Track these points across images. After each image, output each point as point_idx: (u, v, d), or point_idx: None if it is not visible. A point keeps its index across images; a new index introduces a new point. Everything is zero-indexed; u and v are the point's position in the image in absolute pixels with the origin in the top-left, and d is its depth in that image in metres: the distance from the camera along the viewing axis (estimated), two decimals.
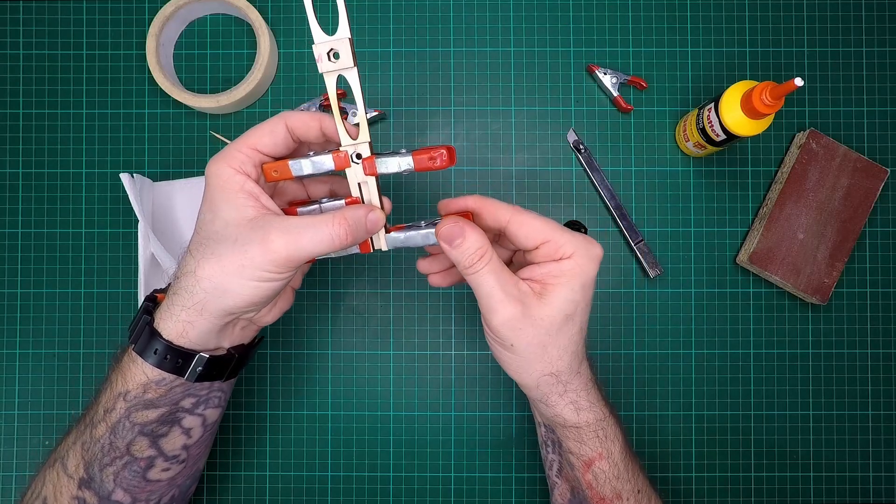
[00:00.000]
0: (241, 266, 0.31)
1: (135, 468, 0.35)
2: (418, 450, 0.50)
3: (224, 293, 0.32)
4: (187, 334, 0.33)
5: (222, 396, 0.39)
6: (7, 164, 0.51)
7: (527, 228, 0.34)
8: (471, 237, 0.33)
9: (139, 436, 0.34)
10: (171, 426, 0.36)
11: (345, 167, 0.34)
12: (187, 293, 0.33)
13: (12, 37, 0.51)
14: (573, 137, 0.51)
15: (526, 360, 0.34)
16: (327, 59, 0.32)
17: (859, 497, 0.50)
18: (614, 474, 0.37)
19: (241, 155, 0.33)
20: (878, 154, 0.51)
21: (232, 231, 0.32)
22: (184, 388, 0.35)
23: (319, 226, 0.32)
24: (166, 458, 0.36)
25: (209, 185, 0.33)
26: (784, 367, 0.50)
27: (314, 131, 0.34)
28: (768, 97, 0.41)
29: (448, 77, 0.52)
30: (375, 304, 0.51)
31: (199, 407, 0.37)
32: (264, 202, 0.33)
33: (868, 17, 0.52)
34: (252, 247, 0.31)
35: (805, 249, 0.49)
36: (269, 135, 0.33)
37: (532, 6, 0.52)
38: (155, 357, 0.33)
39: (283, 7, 0.52)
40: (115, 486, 0.35)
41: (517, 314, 0.33)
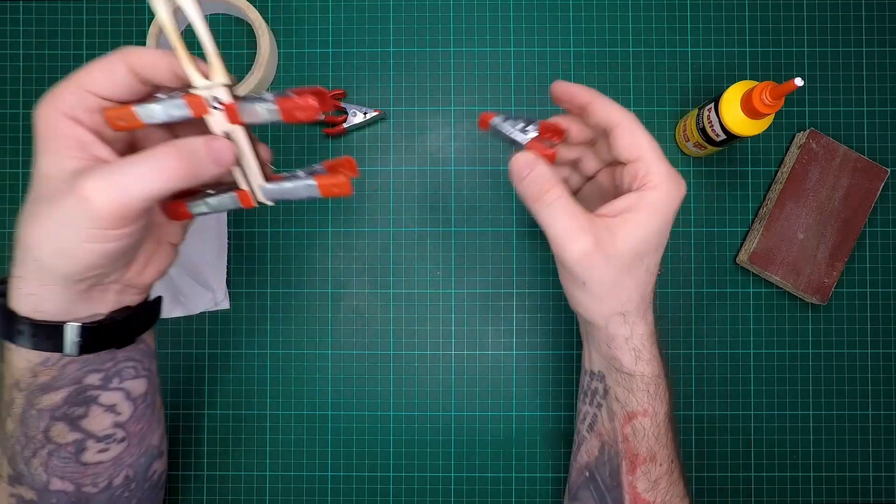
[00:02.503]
0: (62, 226, 0.27)
1: (63, 455, 0.33)
2: (418, 450, 0.50)
3: (57, 259, 0.28)
4: (42, 307, 0.30)
5: (138, 366, 0.35)
6: (7, 164, 0.51)
7: (631, 138, 0.32)
8: (539, 168, 0.31)
9: (53, 421, 0.32)
10: (86, 406, 0.33)
11: (203, 114, 0.29)
12: (21, 264, 0.29)
13: (12, 37, 0.51)
14: None
15: (598, 297, 0.33)
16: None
17: (859, 497, 0.50)
18: (654, 434, 0.35)
19: (71, 97, 0.28)
20: (878, 154, 0.51)
21: (47, 187, 0.28)
22: (78, 364, 0.32)
23: (145, 160, 0.27)
24: (98, 440, 0.34)
25: (34, 133, 0.29)
26: (784, 367, 0.50)
27: (164, 72, 0.29)
28: (768, 97, 0.41)
29: (448, 77, 0.52)
30: (375, 304, 0.51)
31: (111, 381, 0.34)
32: (96, 152, 0.28)
33: (868, 17, 0.52)
34: (66, 202, 0.27)
35: (805, 249, 0.49)
36: (105, 73, 0.28)
37: (532, 6, 0.52)
38: (24, 338, 0.30)
39: (283, 7, 0.52)
40: (49, 475, 0.33)
41: (589, 249, 0.31)
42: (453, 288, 0.51)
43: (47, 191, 0.28)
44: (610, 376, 0.36)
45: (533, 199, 0.32)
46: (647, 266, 0.33)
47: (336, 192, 0.32)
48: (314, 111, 0.29)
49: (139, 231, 0.29)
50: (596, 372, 0.37)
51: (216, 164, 0.29)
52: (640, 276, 0.33)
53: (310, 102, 0.29)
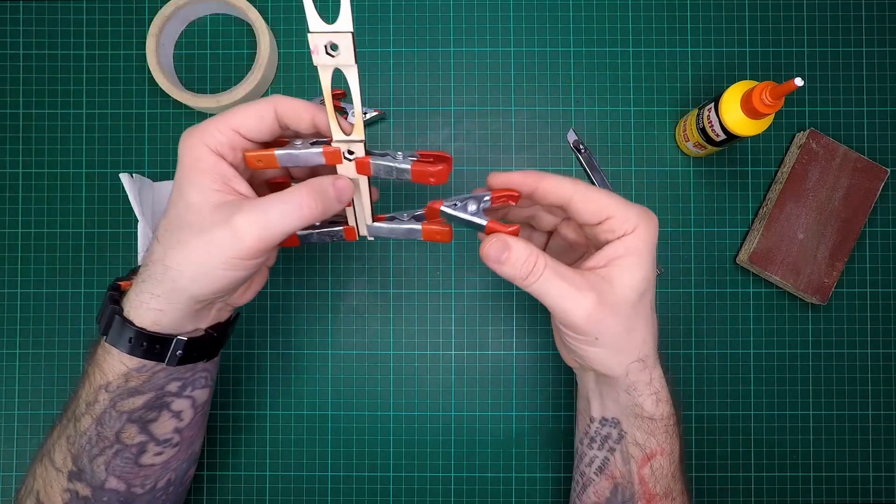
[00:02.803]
0: (207, 254, 0.30)
1: (126, 455, 0.35)
2: (418, 450, 0.50)
3: (193, 282, 0.31)
4: (160, 322, 0.32)
5: (208, 376, 0.38)
6: (7, 164, 0.51)
7: (593, 205, 0.32)
8: (516, 247, 0.31)
9: (128, 423, 0.34)
10: (159, 411, 0.35)
11: (336, 163, 0.33)
12: (156, 282, 0.32)
13: (12, 37, 0.51)
14: (573, 137, 0.51)
15: (614, 349, 0.33)
16: (324, 52, 0.28)
17: (859, 497, 0.50)
18: (671, 472, 0.36)
19: (219, 135, 0.31)
20: (878, 154, 0.51)
21: (195, 217, 0.30)
22: (166, 372, 0.34)
23: (286, 199, 0.30)
24: (158, 443, 0.36)
25: (179, 163, 0.31)
26: (784, 367, 0.50)
27: (305, 123, 0.32)
28: (768, 97, 0.41)
29: (448, 77, 0.52)
30: (375, 304, 0.51)
31: (185, 389, 0.36)
32: (237, 186, 0.31)
33: (868, 17, 0.52)
34: (217, 233, 0.30)
35: (805, 249, 0.49)
36: (256, 119, 0.31)
37: (532, 6, 0.52)
38: (130, 346, 0.32)
39: (283, 7, 0.52)
40: (108, 474, 0.34)
41: (596, 303, 0.31)
42: (453, 288, 0.51)
43: (196, 221, 0.30)
44: (627, 421, 0.35)
45: (520, 279, 0.32)
46: (649, 301, 0.34)
47: (437, 238, 0.35)
48: (445, 177, 0.32)
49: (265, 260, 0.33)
50: (609, 419, 0.37)
51: (340, 202, 0.32)
52: (648, 315, 0.34)
53: (441, 170, 0.32)
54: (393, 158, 0.32)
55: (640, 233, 0.32)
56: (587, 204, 0.33)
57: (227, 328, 0.38)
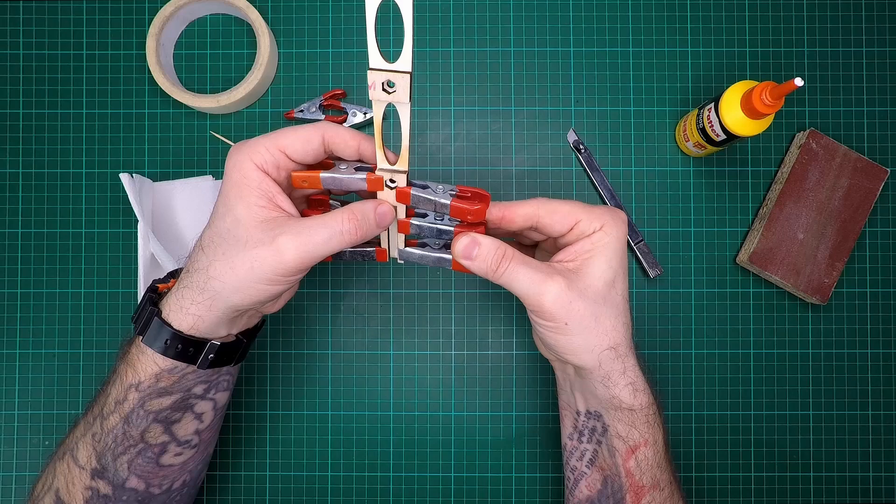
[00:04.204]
0: (251, 269, 0.32)
1: (149, 455, 0.35)
2: (418, 450, 0.50)
3: (234, 293, 0.32)
4: (198, 326, 0.34)
5: (230, 379, 0.39)
6: (7, 164, 0.51)
7: (558, 216, 0.34)
8: (484, 242, 0.33)
9: (153, 423, 0.35)
10: (184, 412, 0.36)
11: (377, 189, 0.34)
12: (198, 289, 0.33)
13: (12, 37, 0.51)
14: (573, 137, 0.51)
15: (584, 335, 0.34)
16: (381, 88, 0.29)
17: (859, 497, 0.50)
18: (656, 462, 0.36)
19: (267, 154, 0.32)
20: (878, 154, 0.51)
21: (242, 231, 0.32)
22: (196, 374, 0.35)
23: (329, 224, 0.32)
24: (179, 444, 0.37)
25: (227, 177, 0.33)
26: (784, 367, 0.50)
27: (350, 150, 0.34)
28: (768, 97, 0.41)
29: (448, 77, 0.52)
30: (375, 304, 0.51)
31: (210, 392, 0.37)
32: (280, 203, 0.33)
33: (868, 17, 0.52)
34: (262, 250, 0.31)
35: (805, 249, 0.49)
36: (303, 143, 0.33)
37: (532, 6, 0.52)
38: (165, 347, 0.34)
39: (283, 7, 0.52)
40: (130, 473, 0.35)
41: (563, 287, 0.32)
42: (453, 288, 0.51)
43: (242, 235, 0.32)
44: (608, 414, 0.36)
45: (491, 272, 0.33)
46: (620, 291, 0.35)
47: (465, 270, 0.36)
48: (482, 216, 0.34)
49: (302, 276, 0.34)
50: (592, 412, 0.38)
51: (380, 227, 0.34)
52: (619, 303, 0.34)
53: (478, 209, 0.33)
54: (434, 192, 0.34)
55: (607, 229, 0.34)
56: (553, 215, 0.34)
57: (255, 333, 0.40)
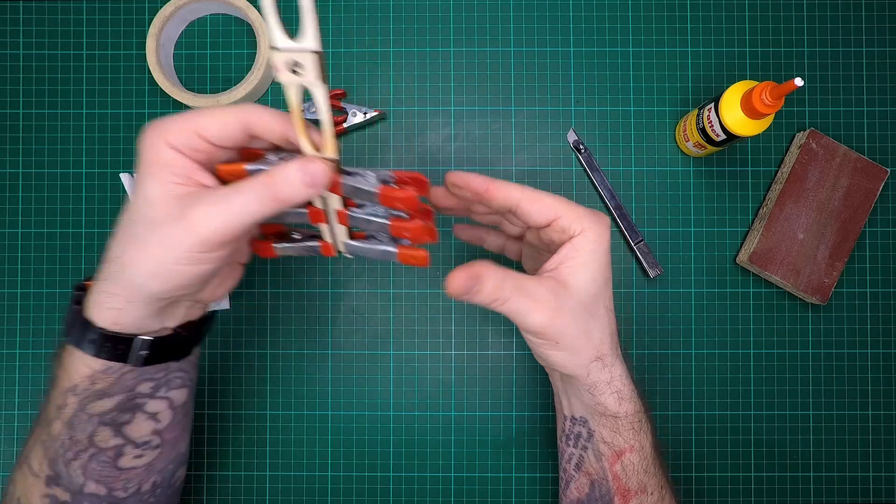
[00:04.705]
0: (164, 249, 0.29)
1: (102, 459, 0.34)
2: (418, 450, 0.50)
3: (151, 279, 0.30)
4: (121, 321, 0.31)
5: (185, 376, 0.37)
6: (7, 164, 0.51)
7: (539, 205, 0.34)
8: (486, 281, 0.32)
9: (100, 426, 0.33)
10: (133, 413, 0.34)
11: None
12: (113, 280, 0.31)
13: (12, 37, 0.51)
14: (573, 137, 0.51)
15: (574, 350, 0.34)
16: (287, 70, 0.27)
17: (859, 497, 0.50)
18: (643, 468, 0.36)
19: (181, 135, 0.30)
20: (878, 154, 0.51)
21: (153, 210, 0.29)
22: (135, 373, 0.33)
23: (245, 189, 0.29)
24: (136, 445, 0.35)
25: (139, 158, 0.30)
26: (784, 367, 0.50)
27: (275, 135, 0.31)
28: (768, 97, 0.41)
29: (448, 77, 0.52)
30: (375, 304, 0.51)
31: (159, 390, 0.35)
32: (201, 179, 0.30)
33: (868, 17, 0.52)
34: (174, 226, 0.28)
35: (805, 249, 0.49)
36: (220, 126, 0.30)
37: (532, 6, 0.52)
38: (93, 347, 0.32)
39: (284, 7, 0.52)
40: (86, 478, 0.34)
41: (554, 312, 0.32)
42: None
43: (153, 214, 0.29)
44: (594, 420, 0.37)
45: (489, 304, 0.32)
46: (604, 304, 0.35)
47: (413, 262, 0.35)
48: (414, 203, 0.31)
49: (230, 254, 0.31)
50: (577, 417, 0.38)
51: (310, 187, 0.30)
52: (602, 315, 0.35)
53: (410, 195, 0.31)
54: (364, 179, 0.31)
55: (588, 234, 0.33)
56: (533, 204, 0.34)
57: (201, 327, 0.37)
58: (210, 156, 0.31)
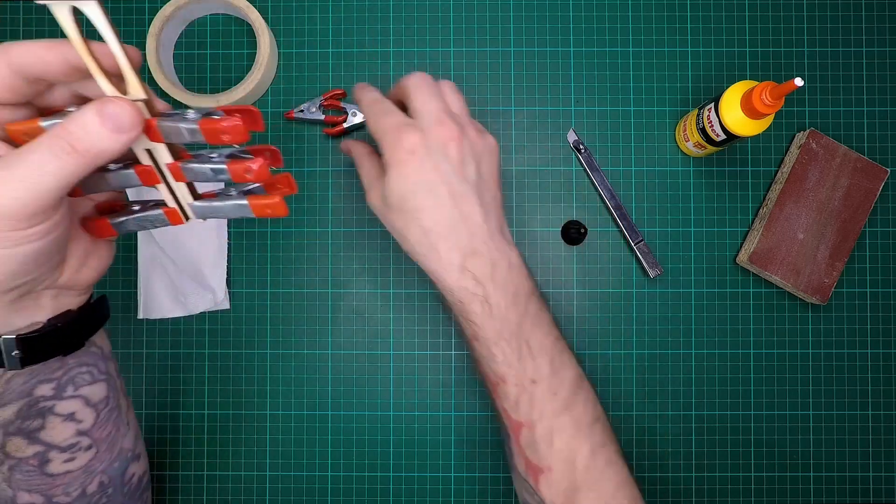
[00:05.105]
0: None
1: (26, 468, 0.31)
2: (418, 450, 0.50)
3: None
4: None
5: (94, 371, 0.33)
6: None
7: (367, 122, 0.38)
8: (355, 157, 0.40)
9: (8, 436, 0.31)
10: (42, 418, 0.31)
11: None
12: None
13: (12, 37, 0.51)
14: (573, 137, 0.51)
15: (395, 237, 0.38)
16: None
17: (859, 497, 0.50)
18: (489, 357, 0.36)
19: None
20: (878, 154, 0.51)
21: None
22: (24, 376, 0.30)
23: (38, 148, 0.24)
24: (62, 450, 0.32)
25: None
26: (784, 367, 0.50)
27: (56, 66, 0.25)
28: (768, 97, 0.41)
29: (448, 77, 0.52)
30: (375, 304, 0.51)
31: (65, 390, 0.32)
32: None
33: (868, 17, 0.52)
34: None
35: (805, 249, 0.49)
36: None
37: (532, 6, 0.52)
38: None
39: (283, 7, 0.52)
40: (14, 490, 0.32)
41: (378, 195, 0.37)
42: None
43: None
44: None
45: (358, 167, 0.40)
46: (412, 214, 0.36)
47: (269, 213, 0.31)
48: (240, 134, 0.27)
49: (58, 228, 0.26)
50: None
51: (117, 131, 0.25)
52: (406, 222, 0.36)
53: (235, 123, 0.26)
54: (182, 117, 0.27)
55: (386, 156, 0.36)
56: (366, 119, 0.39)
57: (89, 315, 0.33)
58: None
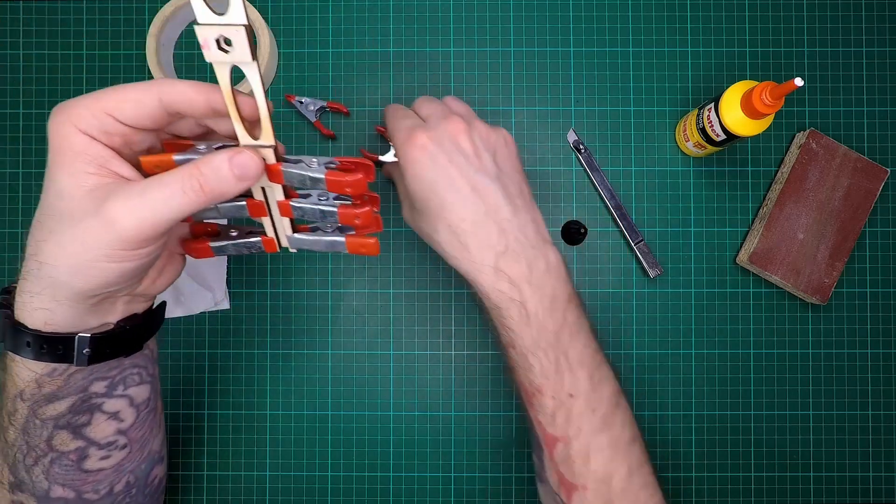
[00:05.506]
0: (83, 247, 0.27)
1: (65, 462, 0.33)
2: (418, 450, 0.50)
3: (72, 277, 0.28)
4: (53, 321, 0.29)
5: (142, 372, 0.35)
6: (7, 164, 0.51)
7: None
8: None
9: (56, 430, 0.32)
10: (90, 414, 0.33)
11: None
12: (33, 279, 0.29)
13: (12, 37, 0.51)
14: (573, 137, 0.51)
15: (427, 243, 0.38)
16: (216, 47, 0.25)
17: (859, 497, 0.50)
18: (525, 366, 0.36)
19: (91, 118, 0.27)
20: (878, 154, 0.51)
21: (66, 204, 0.27)
22: (84, 373, 0.32)
23: (168, 182, 0.27)
24: (101, 447, 0.34)
25: (49, 145, 0.27)
26: (784, 367, 0.50)
27: (200, 107, 0.28)
28: (768, 97, 0.41)
29: (448, 77, 0.52)
30: (375, 304, 0.51)
31: (116, 389, 0.34)
32: (116, 168, 0.28)
33: (868, 17, 0.52)
34: (90, 222, 0.26)
35: (805, 249, 0.49)
36: (134, 105, 0.27)
37: (532, 6, 0.52)
38: (30, 350, 0.30)
39: (283, 7, 0.52)
40: (50, 483, 0.33)
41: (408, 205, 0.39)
42: (453, 288, 0.51)
43: (67, 208, 0.27)
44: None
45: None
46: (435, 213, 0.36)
47: (363, 252, 0.34)
48: (362, 188, 0.30)
49: (158, 250, 0.29)
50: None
51: (240, 180, 0.28)
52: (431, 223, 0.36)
53: (358, 179, 0.30)
54: (307, 166, 0.30)
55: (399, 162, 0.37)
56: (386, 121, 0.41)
57: (150, 319, 0.35)
58: (126, 139, 0.29)
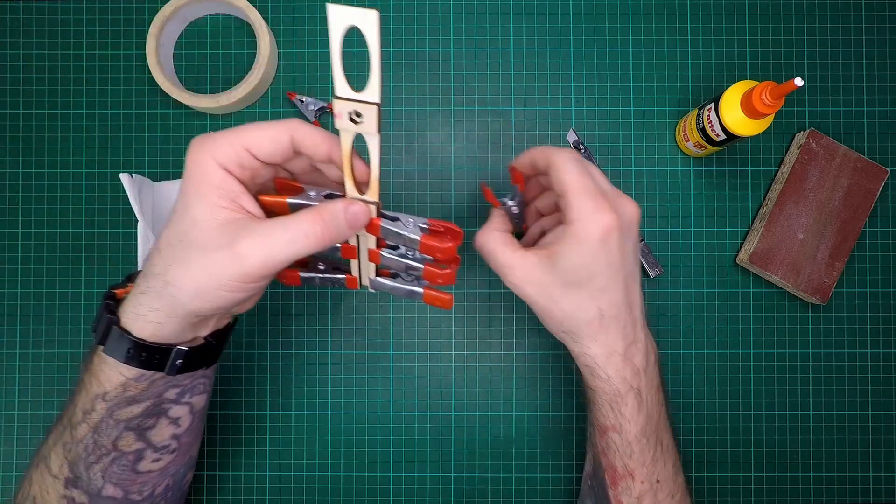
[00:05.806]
0: (210, 276, 0.30)
1: (123, 462, 0.34)
2: (418, 450, 0.50)
3: (193, 300, 0.31)
4: (159, 333, 0.32)
5: (206, 382, 0.38)
6: (7, 164, 0.51)
7: (559, 175, 0.34)
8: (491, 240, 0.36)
9: (125, 431, 0.34)
10: (157, 418, 0.35)
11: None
12: (155, 296, 0.31)
13: (12, 37, 0.51)
14: (573, 137, 0.51)
15: (540, 316, 0.37)
16: (347, 118, 0.28)
17: (859, 497, 0.50)
18: (625, 452, 0.36)
19: (230, 151, 0.30)
20: (878, 154, 0.51)
21: (200, 234, 0.30)
22: (165, 380, 0.34)
23: (292, 226, 0.30)
24: (156, 449, 0.35)
25: (186, 173, 0.30)
26: (784, 367, 0.50)
27: (321, 153, 0.32)
28: (768, 97, 0.41)
29: (448, 77, 0.52)
30: (375, 304, 0.51)
31: (184, 396, 0.36)
32: (244, 204, 0.31)
33: (868, 17, 0.52)
34: (222, 255, 0.29)
35: (805, 249, 0.49)
36: (271, 142, 0.31)
37: (532, 6, 0.52)
38: (128, 356, 0.32)
39: (283, 7, 0.52)
40: (105, 481, 0.34)
41: (528, 269, 0.35)
42: (453, 288, 0.51)
43: (199, 238, 0.30)
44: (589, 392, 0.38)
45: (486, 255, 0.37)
46: (589, 293, 0.34)
47: (437, 304, 0.37)
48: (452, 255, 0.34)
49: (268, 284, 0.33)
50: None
51: (351, 227, 0.32)
52: (581, 303, 0.34)
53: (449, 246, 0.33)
54: (404, 226, 0.34)
55: (578, 224, 0.33)
56: (558, 172, 0.34)
57: (227, 334, 0.38)
58: (254, 173, 0.32)
